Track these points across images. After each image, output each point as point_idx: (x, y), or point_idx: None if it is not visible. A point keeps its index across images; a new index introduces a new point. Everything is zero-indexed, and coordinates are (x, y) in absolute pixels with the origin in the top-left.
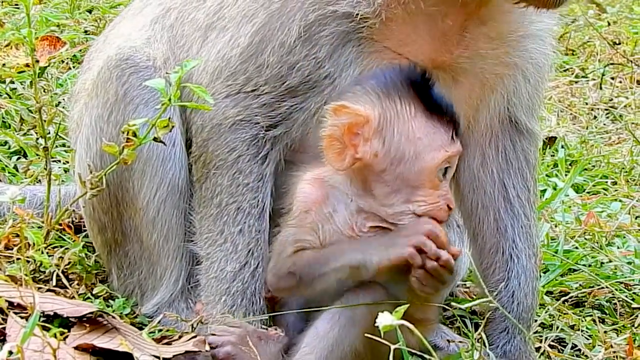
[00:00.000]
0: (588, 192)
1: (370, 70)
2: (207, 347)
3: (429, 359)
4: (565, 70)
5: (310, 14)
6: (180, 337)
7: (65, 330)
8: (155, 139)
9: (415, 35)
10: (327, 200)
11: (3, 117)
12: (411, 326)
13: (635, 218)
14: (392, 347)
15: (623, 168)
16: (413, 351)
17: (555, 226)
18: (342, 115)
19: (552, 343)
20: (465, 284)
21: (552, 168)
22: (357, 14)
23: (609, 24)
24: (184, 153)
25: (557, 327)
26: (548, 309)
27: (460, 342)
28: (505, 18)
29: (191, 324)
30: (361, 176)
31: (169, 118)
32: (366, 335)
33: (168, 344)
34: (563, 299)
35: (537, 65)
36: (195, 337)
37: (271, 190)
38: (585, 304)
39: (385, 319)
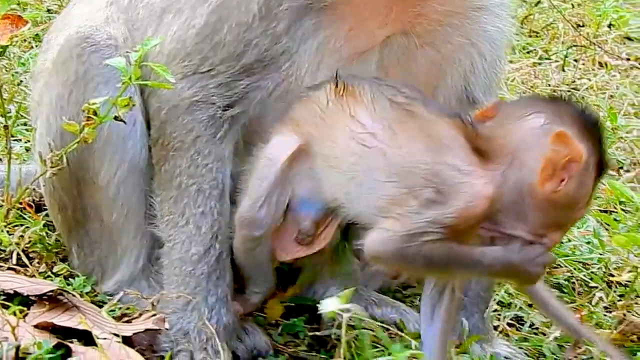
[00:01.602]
0: None
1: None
2: (167, 325)
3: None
4: (528, 52)
5: None
6: (140, 315)
7: (25, 309)
8: (115, 118)
9: (372, 7)
10: None
11: None
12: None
13: (595, 199)
14: (344, 315)
15: None
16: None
17: None
18: (563, 146)
19: (510, 321)
20: None
21: None
22: None
23: (573, 6)
24: (145, 133)
25: (516, 306)
26: (506, 287)
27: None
28: None
29: (151, 301)
30: (523, 198)
31: (130, 97)
32: None
33: (128, 322)
34: None
35: (493, 41)
36: (155, 315)
37: (231, 171)
38: (545, 282)
39: (329, 305)
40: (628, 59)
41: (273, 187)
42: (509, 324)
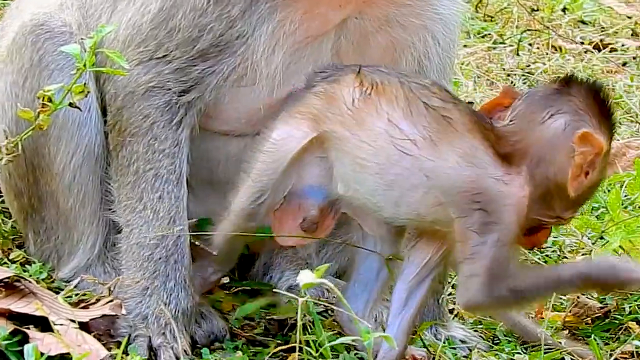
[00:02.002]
0: None
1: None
2: (124, 311)
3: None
4: (483, 37)
5: None
6: (97, 301)
7: None
8: (70, 105)
9: None
10: None
11: None
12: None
13: None
14: (300, 300)
15: None
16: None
17: None
18: (588, 145)
19: None
20: None
21: None
22: None
23: None
24: (100, 119)
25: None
26: None
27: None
28: None
29: (108, 287)
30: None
31: (84, 83)
32: None
33: (85, 308)
34: None
35: (447, 25)
36: (111, 301)
37: (187, 156)
38: None
39: (305, 277)
40: (582, 43)
41: (280, 180)
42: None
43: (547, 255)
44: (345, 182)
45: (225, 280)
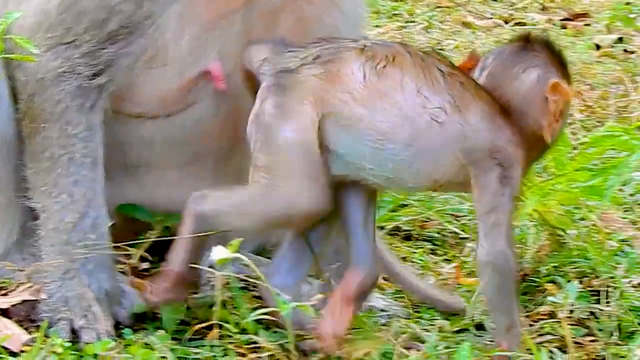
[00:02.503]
0: None
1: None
2: (44, 295)
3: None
4: (394, 15)
5: None
6: (17, 287)
7: None
8: None
9: None
10: None
11: None
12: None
13: None
14: (218, 274)
15: None
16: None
17: None
18: (559, 94)
19: (385, 275)
20: None
21: None
22: None
23: None
24: (12, 106)
25: None
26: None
27: None
28: None
29: (26, 274)
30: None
31: None
32: None
33: (5, 295)
34: (395, 233)
35: (353, 4)
36: (31, 286)
37: (102, 139)
38: (417, 236)
39: (219, 253)
40: (492, 18)
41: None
42: (384, 278)
43: (463, 224)
44: (355, 164)
45: (145, 265)
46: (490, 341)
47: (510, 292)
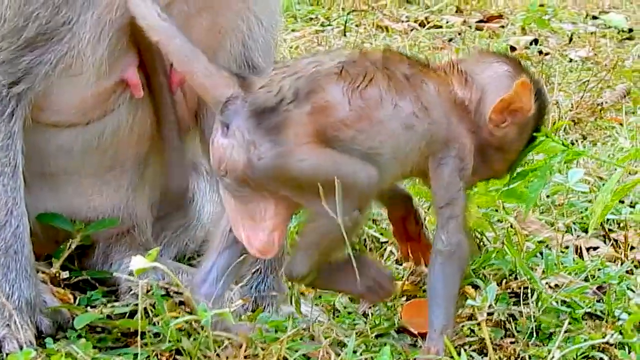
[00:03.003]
0: None
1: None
2: None
3: None
4: (310, 19)
5: None
6: None
7: None
8: None
9: None
10: None
11: None
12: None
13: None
14: (141, 282)
15: None
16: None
17: None
18: (522, 94)
19: None
20: None
21: None
22: None
23: None
24: None
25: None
26: None
27: None
28: None
29: None
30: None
31: None
32: None
33: None
34: None
35: (269, 6)
36: None
37: (22, 148)
38: None
39: (137, 263)
40: (407, 21)
41: None
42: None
43: (382, 228)
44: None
45: (65, 274)
46: (411, 345)
47: (456, 284)
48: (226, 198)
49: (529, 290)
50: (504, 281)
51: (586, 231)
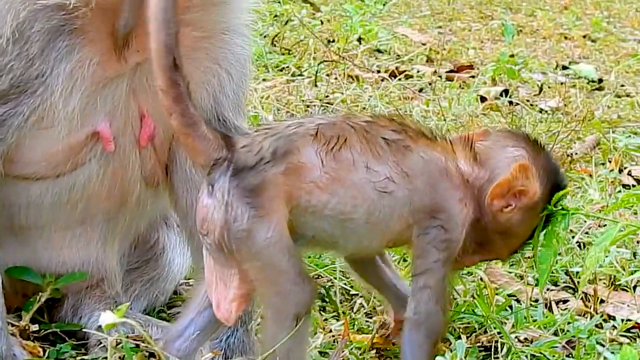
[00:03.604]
0: None
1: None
2: None
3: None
4: (281, 70)
5: (21, 12)
6: None
7: None
8: None
9: (120, 34)
10: None
11: None
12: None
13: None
14: (110, 338)
15: None
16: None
17: None
18: (522, 176)
19: None
20: (188, 282)
21: None
22: (68, 4)
23: (322, 23)
24: None
25: None
26: None
27: None
28: (209, 10)
29: None
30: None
31: None
32: None
33: None
34: None
35: (238, 61)
36: None
37: None
38: None
39: (107, 318)
40: (379, 71)
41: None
42: None
43: (352, 280)
44: (325, 242)
45: (35, 327)
46: None
47: (424, 354)
48: (206, 258)
49: (499, 344)
50: (474, 335)
51: (556, 284)
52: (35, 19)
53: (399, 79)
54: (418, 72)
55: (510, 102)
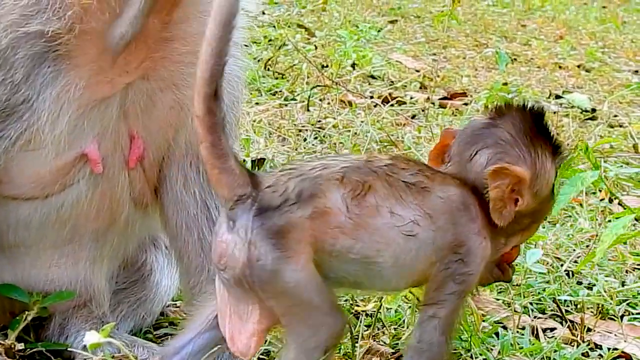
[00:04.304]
0: None
1: (505, 115)
2: None
3: None
4: (274, 94)
5: (3, 39)
6: None
7: None
8: None
9: (109, 56)
10: None
11: None
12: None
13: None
14: (95, 358)
15: None
16: None
17: None
18: (504, 178)
19: (261, 356)
20: (175, 304)
21: None
22: (49, 31)
23: (316, 47)
24: None
25: (266, 341)
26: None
27: None
28: (200, 31)
29: None
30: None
31: None
32: None
33: None
34: None
35: (230, 83)
36: None
37: None
38: None
39: (92, 337)
40: (372, 97)
41: None
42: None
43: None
44: (350, 283)
45: (21, 346)
46: None
47: None
48: (220, 290)
49: None
50: None
51: (543, 312)
52: (18, 45)
53: (392, 105)
54: (411, 98)
55: None
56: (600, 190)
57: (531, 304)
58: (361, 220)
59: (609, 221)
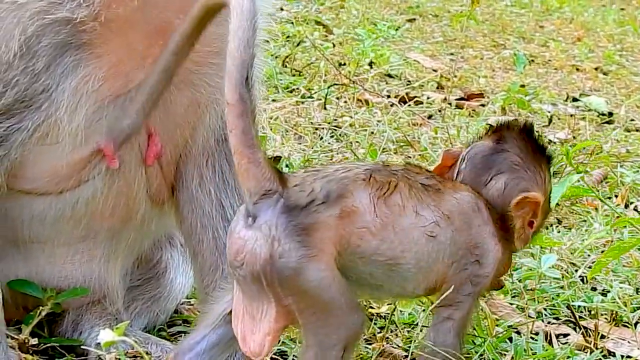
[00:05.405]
0: None
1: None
2: None
3: None
4: (291, 91)
5: (29, 27)
6: None
7: None
8: None
9: (130, 48)
10: None
11: None
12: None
13: None
14: (109, 355)
15: None
16: None
17: None
18: (525, 207)
19: (274, 356)
20: (189, 301)
21: None
22: (76, 18)
23: (334, 45)
24: None
25: (279, 341)
26: None
27: None
28: (217, 31)
29: None
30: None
31: None
32: None
33: None
34: None
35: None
36: None
37: None
38: None
39: (106, 335)
40: (388, 96)
41: None
42: (272, 359)
43: None
44: (369, 285)
45: (34, 341)
46: None
47: None
48: (235, 288)
49: None
50: None
51: (557, 318)
52: (44, 33)
53: (409, 105)
54: (428, 98)
55: None
56: (616, 196)
57: (545, 309)
58: (388, 220)
59: (624, 227)
